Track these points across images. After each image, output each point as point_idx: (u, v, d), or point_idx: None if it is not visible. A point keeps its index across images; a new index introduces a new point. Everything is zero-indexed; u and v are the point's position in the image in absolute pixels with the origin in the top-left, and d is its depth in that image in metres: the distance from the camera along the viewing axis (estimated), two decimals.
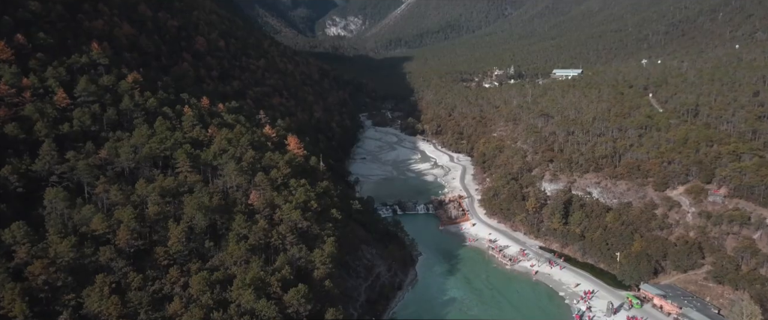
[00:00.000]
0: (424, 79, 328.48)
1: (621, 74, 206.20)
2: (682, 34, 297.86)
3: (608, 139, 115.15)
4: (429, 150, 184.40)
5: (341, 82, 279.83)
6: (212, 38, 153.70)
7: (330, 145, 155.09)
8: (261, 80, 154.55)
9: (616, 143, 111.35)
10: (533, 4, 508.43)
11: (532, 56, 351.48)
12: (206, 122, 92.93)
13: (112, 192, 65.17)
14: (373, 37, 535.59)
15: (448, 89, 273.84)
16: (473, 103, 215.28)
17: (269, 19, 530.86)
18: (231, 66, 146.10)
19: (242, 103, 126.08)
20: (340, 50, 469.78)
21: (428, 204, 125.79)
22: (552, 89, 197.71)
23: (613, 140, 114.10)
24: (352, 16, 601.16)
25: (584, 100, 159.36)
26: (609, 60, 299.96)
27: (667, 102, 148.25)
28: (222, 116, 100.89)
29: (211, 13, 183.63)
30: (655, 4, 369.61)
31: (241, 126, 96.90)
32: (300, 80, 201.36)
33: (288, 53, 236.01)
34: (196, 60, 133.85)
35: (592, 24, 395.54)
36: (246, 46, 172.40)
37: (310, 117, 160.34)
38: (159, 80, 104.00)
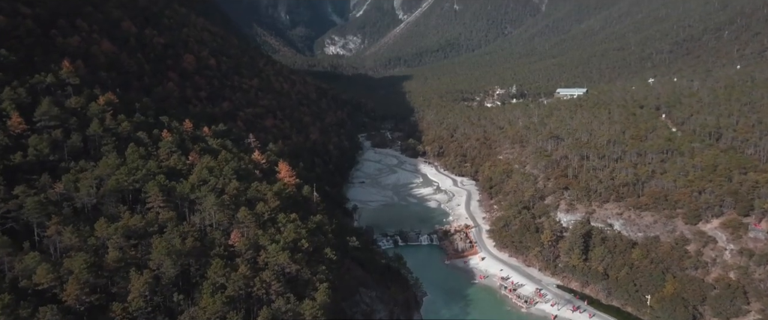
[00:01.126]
0: (424, 98, 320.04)
1: (629, 94, 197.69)
2: (687, 53, 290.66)
3: (627, 164, 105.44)
4: (431, 173, 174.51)
5: (339, 101, 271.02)
6: (202, 56, 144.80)
7: (326, 169, 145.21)
8: (254, 101, 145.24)
9: (637, 169, 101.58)
10: (533, 23, 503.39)
11: (533, 75, 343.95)
12: (187, 147, 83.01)
13: (66, 234, 54.97)
14: (372, 56, 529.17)
15: (449, 108, 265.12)
16: (476, 123, 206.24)
17: (268, 38, 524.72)
18: (221, 86, 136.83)
19: (231, 125, 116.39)
20: (339, 69, 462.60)
21: (432, 235, 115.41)
22: (558, 109, 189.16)
23: (632, 165, 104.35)
24: (351, 35, 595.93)
25: (594, 121, 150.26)
26: (612, 79, 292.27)
27: (683, 124, 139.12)
28: (206, 141, 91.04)
29: (203, 30, 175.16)
30: (658, 23, 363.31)
31: (227, 152, 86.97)
32: (296, 99, 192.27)
33: (284, 72, 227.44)
34: (183, 79, 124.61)
35: (593, 43, 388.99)
36: (239, 65, 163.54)
37: (306, 139, 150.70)
38: (138, 101, 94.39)
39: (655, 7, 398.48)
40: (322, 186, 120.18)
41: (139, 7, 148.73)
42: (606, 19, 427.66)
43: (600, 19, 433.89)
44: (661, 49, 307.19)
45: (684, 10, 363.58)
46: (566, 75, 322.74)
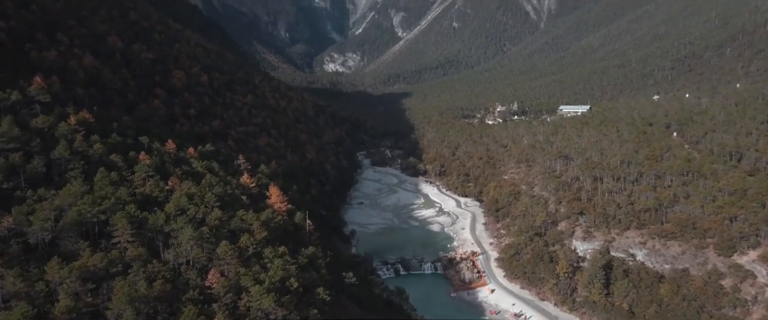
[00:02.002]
0: (424, 115, 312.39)
1: (635, 111, 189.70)
2: (689, 70, 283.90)
3: (647, 187, 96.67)
4: (433, 193, 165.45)
5: (338, 118, 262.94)
6: (193, 72, 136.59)
7: (323, 190, 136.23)
8: (247, 118, 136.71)
9: (658, 192, 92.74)
10: (532, 40, 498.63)
11: (534, 92, 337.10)
12: (167, 171, 74.05)
13: (9, 279, 45.80)
14: (372, 73, 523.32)
15: (450, 125, 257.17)
16: (478, 141, 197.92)
17: (267, 55, 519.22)
18: (213, 103, 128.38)
19: (221, 145, 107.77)
20: (338, 86, 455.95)
21: (436, 263, 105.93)
22: (563, 127, 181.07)
23: (652, 188, 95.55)
24: (350, 52, 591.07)
25: (604, 139, 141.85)
26: (614, 96, 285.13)
27: (699, 143, 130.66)
28: (190, 164, 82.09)
29: (197, 46, 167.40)
30: (658, 40, 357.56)
31: (212, 176, 78.04)
32: (293, 117, 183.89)
33: (281, 89, 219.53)
34: (172, 96, 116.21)
35: (593, 60, 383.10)
36: (232, 81, 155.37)
37: (302, 159, 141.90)
38: (117, 120, 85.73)
39: (655, 25, 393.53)
40: (317, 210, 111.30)
41: (130, 21, 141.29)
42: (605, 37, 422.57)
43: (599, 37, 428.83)
44: (662, 66, 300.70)
45: (684, 28, 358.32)
46: (567, 92, 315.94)
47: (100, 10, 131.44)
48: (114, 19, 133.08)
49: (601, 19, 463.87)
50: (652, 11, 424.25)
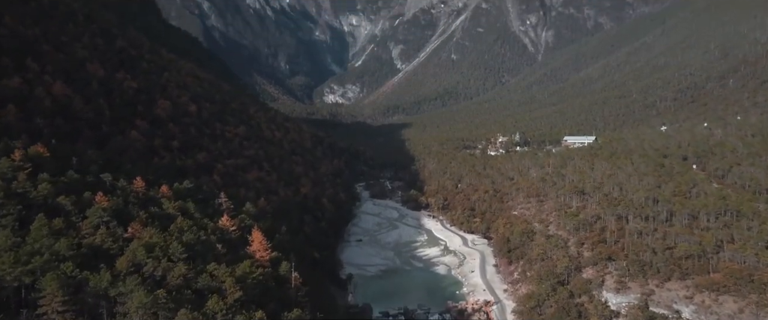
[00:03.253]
0: (425, 146, 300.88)
1: (645, 142, 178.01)
2: (692, 101, 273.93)
3: (682, 229, 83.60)
4: (436, 229, 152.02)
5: (337, 149, 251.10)
6: (181, 102, 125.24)
7: (318, 227, 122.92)
8: (237, 151, 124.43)
9: (698, 236, 79.63)
10: (531, 72, 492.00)
11: (535, 122, 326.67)
12: (129, 215, 61.20)
13: None
14: (371, 105, 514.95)
15: (452, 156, 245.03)
16: (482, 173, 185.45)
17: (267, 87, 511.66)
18: (200, 134, 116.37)
19: (205, 180, 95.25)
20: (337, 117, 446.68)
21: (444, 314, 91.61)
22: (571, 158, 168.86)
23: (689, 230, 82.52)
24: (350, 84, 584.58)
25: (619, 173, 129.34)
26: (618, 126, 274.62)
27: (724, 177, 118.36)
28: (160, 204, 69.27)
29: (189, 75, 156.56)
30: (657, 71, 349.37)
31: (184, 219, 65.17)
32: (289, 148, 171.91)
33: (278, 119, 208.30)
34: (154, 127, 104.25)
35: (593, 91, 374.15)
36: (224, 111, 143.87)
37: (296, 193, 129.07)
38: (81, 154, 73.38)
39: (653, 56, 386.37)
40: (310, 252, 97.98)
41: (116, 49, 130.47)
42: (604, 68, 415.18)
43: (598, 68, 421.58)
44: (665, 97, 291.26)
45: (683, 59, 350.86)
46: (569, 122, 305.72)
47: (83, 37, 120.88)
48: (98, 47, 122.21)
49: (599, 51, 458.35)
50: (649, 43, 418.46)
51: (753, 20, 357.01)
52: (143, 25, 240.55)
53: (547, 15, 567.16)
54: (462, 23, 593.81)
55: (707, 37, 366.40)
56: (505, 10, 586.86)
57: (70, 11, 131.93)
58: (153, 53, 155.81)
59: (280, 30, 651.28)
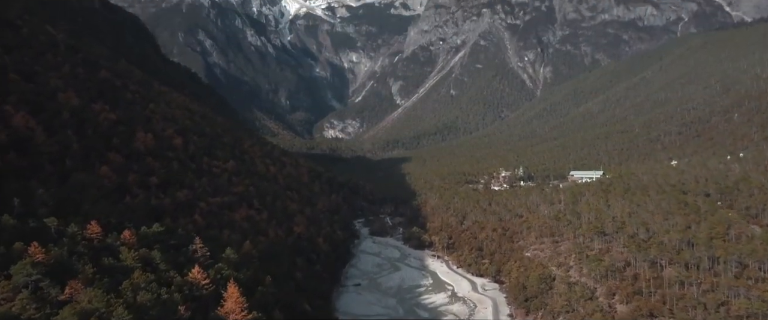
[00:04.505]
0: (426, 180, 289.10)
1: (658, 177, 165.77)
2: (697, 135, 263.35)
3: (734, 281, 70.63)
4: (442, 271, 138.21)
5: (335, 184, 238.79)
6: (166, 135, 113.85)
7: (312, 271, 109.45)
8: (225, 187, 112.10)
9: (756, 289, 66.68)
10: (530, 107, 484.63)
11: (537, 157, 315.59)
12: (72, 269, 48.64)
13: None
14: (371, 139, 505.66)
15: (454, 191, 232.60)
16: (488, 209, 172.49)
17: (267, 122, 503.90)
18: (183, 169, 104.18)
19: (185, 222, 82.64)
20: (337, 151, 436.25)
21: None
22: (583, 194, 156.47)
23: (742, 281, 69.59)
24: (349, 119, 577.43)
25: (640, 211, 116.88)
26: (622, 161, 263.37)
27: (758, 217, 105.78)
28: (118, 254, 56.65)
29: (179, 107, 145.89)
30: (659, 106, 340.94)
31: (144, 273, 52.48)
32: (283, 184, 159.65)
33: (275, 154, 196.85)
34: (130, 162, 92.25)
35: (594, 125, 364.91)
36: (213, 145, 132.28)
37: (288, 233, 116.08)
38: (30, 193, 61.23)
39: (653, 91, 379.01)
40: (300, 303, 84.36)
41: (98, 79, 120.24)
42: (604, 103, 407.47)
43: (598, 103, 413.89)
44: (668, 132, 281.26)
45: (684, 94, 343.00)
46: (572, 157, 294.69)
47: (62, 67, 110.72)
48: (77, 76, 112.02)
49: (598, 86, 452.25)
50: (648, 78, 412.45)
51: (751, 56, 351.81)
52: (139, 59, 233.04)
53: (544, 52, 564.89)
54: (461, 60, 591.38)
55: (706, 72, 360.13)
56: (503, 47, 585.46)
57: (52, 41, 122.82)
58: (142, 85, 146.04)
59: (281, 66, 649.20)
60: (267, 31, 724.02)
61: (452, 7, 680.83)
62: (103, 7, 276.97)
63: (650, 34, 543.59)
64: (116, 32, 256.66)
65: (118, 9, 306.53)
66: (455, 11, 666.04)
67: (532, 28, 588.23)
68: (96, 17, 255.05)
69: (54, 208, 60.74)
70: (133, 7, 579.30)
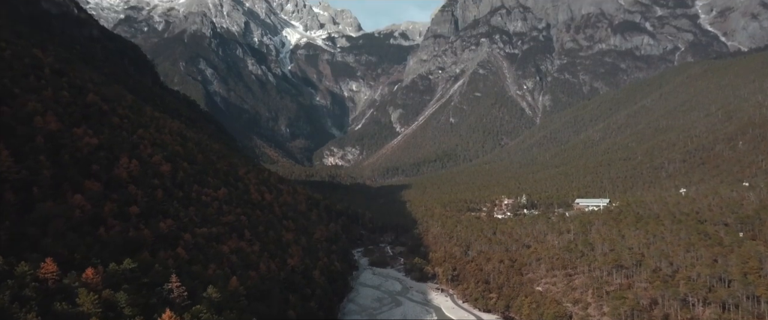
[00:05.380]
0: (427, 208, 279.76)
1: (668, 205, 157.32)
2: (702, 163, 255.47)
3: None
4: (447, 307, 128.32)
5: (333, 213, 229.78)
6: (153, 161, 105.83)
7: (306, 309, 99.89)
8: (214, 217, 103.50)
9: None
10: (530, 135, 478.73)
11: (539, 184, 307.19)
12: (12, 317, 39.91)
13: None
14: (370, 166, 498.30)
15: (456, 219, 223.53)
16: (493, 239, 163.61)
17: (267, 150, 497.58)
18: (168, 198, 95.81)
19: (161, 257, 73.79)
20: (336, 179, 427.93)
21: None
22: (592, 224, 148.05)
23: None
24: (349, 146, 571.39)
25: (658, 241, 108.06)
26: (627, 189, 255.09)
27: None
28: (74, 297, 47.94)
29: (170, 133, 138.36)
30: (661, 133, 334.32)
31: None
32: (279, 212, 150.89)
33: (271, 181, 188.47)
34: (109, 190, 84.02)
35: (596, 153, 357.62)
36: (204, 172, 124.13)
37: (282, 266, 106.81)
38: None
39: (654, 119, 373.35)
40: None
41: (84, 103, 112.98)
42: (605, 131, 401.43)
43: (598, 131, 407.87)
44: (672, 159, 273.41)
45: (686, 121, 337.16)
46: (575, 184, 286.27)
47: (45, 90, 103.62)
48: (60, 100, 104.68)
49: (598, 114, 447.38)
50: (648, 106, 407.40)
51: (752, 84, 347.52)
52: (136, 86, 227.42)
53: (543, 80, 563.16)
54: (459, 88, 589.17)
55: (708, 100, 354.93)
56: (502, 75, 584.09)
57: (37, 64, 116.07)
58: (133, 110, 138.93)
59: (281, 95, 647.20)
60: (268, 60, 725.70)
61: (451, 37, 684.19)
62: (102, 36, 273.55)
63: (647, 63, 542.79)
64: (114, 60, 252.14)
65: (117, 37, 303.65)
66: (454, 41, 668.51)
67: (531, 57, 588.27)
68: (94, 45, 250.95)
69: (6, 244, 52.27)
70: (135, 38, 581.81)
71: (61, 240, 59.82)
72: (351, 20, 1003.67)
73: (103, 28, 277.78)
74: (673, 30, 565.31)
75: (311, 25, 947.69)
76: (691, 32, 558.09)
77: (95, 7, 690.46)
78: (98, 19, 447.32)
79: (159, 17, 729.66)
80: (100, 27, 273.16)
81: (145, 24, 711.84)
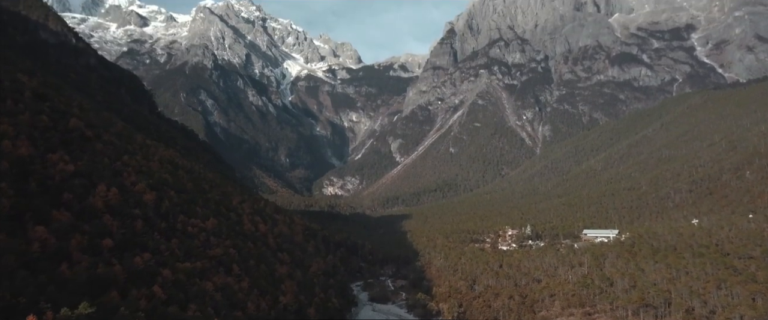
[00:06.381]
0: (428, 239, 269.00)
1: (683, 237, 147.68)
2: (709, 193, 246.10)
3: None
4: None
5: (332, 244, 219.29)
6: (136, 190, 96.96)
7: None
8: (199, 250, 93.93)
9: None
10: (531, 165, 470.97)
11: (542, 215, 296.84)
12: None
13: None
14: (370, 196, 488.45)
15: (460, 251, 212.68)
16: (500, 272, 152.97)
17: (266, 180, 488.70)
18: (148, 229, 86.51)
19: (133, 297, 64.14)
20: (336, 209, 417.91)
21: None
22: (605, 256, 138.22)
23: None
24: (349, 176, 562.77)
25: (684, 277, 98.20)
26: (634, 219, 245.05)
27: None
28: None
29: (160, 161, 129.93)
30: (664, 163, 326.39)
31: None
32: (274, 244, 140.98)
33: (267, 211, 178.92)
34: (80, 221, 74.94)
35: (599, 183, 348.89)
36: (194, 202, 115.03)
37: (273, 304, 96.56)
38: None
39: (656, 149, 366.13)
40: None
41: (66, 129, 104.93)
42: (606, 160, 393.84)
43: (600, 161, 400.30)
44: (679, 189, 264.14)
45: (689, 151, 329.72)
46: (580, 215, 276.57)
47: (22, 114, 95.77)
48: (38, 124, 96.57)
49: (598, 144, 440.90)
50: (650, 136, 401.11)
51: (753, 114, 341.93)
52: (130, 114, 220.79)
53: (542, 111, 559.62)
54: (459, 118, 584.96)
55: (710, 130, 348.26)
56: (501, 106, 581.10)
57: (17, 89, 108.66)
58: (121, 137, 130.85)
59: (282, 125, 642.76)
60: (268, 91, 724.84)
61: (450, 68, 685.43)
62: (99, 65, 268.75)
63: (646, 94, 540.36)
64: (110, 88, 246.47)
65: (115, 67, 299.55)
66: (453, 72, 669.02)
67: (530, 88, 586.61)
68: (91, 74, 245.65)
69: None
70: (137, 70, 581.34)
71: (5, 280, 50.45)
72: (351, 53, 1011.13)
73: (101, 57, 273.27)
74: (670, 62, 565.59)
75: (312, 58, 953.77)
76: (688, 64, 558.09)
77: (99, 40, 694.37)
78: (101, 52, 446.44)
79: (161, 50, 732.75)
80: (98, 56, 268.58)
81: (148, 56, 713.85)
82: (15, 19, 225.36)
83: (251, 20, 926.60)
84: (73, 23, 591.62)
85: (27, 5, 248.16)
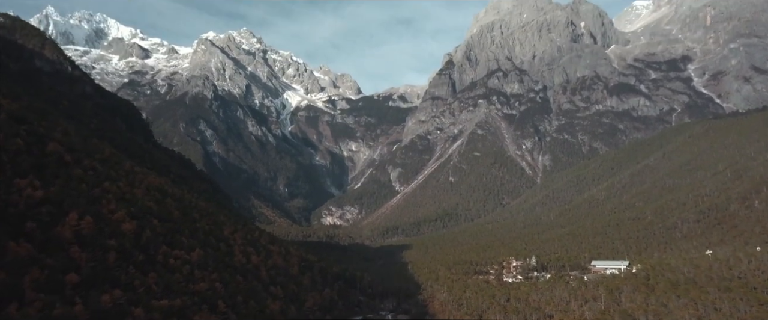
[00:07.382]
0: (430, 270, 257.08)
1: (701, 269, 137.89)
2: (718, 223, 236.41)
3: None
4: None
5: (329, 276, 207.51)
6: (114, 218, 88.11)
7: None
8: (181, 284, 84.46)
9: None
10: (531, 194, 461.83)
11: (546, 245, 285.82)
12: None
13: None
14: (369, 226, 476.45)
15: (464, 283, 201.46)
16: (508, 307, 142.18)
17: (265, 210, 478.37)
18: (123, 262, 77.18)
19: None
20: (334, 239, 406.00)
21: None
22: (620, 289, 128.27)
23: None
24: (348, 205, 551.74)
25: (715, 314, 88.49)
26: (641, 250, 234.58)
27: None
28: None
29: (146, 188, 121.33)
30: (668, 193, 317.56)
31: None
32: (267, 277, 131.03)
33: (261, 241, 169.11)
34: (43, 254, 65.91)
35: (602, 212, 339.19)
36: (179, 231, 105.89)
37: None
38: None
39: (660, 178, 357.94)
40: None
41: (42, 152, 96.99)
42: (609, 190, 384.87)
43: (602, 190, 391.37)
44: (686, 219, 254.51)
45: (693, 180, 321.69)
46: (585, 245, 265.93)
47: None
48: (10, 147, 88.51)
49: (600, 173, 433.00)
50: (652, 166, 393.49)
51: (756, 143, 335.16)
52: (125, 142, 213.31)
53: (541, 140, 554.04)
54: (458, 147, 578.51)
55: (713, 159, 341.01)
56: (501, 135, 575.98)
57: None
58: (106, 163, 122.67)
59: (281, 155, 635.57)
60: (268, 121, 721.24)
61: (449, 98, 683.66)
62: (95, 93, 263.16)
63: (645, 123, 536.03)
64: (105, 116, 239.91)
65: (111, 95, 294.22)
66: (452, 102, 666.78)
67: (529, 118, 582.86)
68: (86, 102, 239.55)
69: None
70: (138, 101, 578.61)
71: None
72: (351, 84, 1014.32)
73: (98, 86, 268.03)
74: (668, 92, 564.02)
75: (312, 89, 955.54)
76: (686, 94, 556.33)
77: (101, 72, 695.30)
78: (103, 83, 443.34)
79: (162, 80, 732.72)
80: (95, 85, 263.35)
81: (149, 87, 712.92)
82: (9, 46, 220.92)
83: (252, 52, 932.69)
84: (75, 55, 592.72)
85: (23, 34, 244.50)
